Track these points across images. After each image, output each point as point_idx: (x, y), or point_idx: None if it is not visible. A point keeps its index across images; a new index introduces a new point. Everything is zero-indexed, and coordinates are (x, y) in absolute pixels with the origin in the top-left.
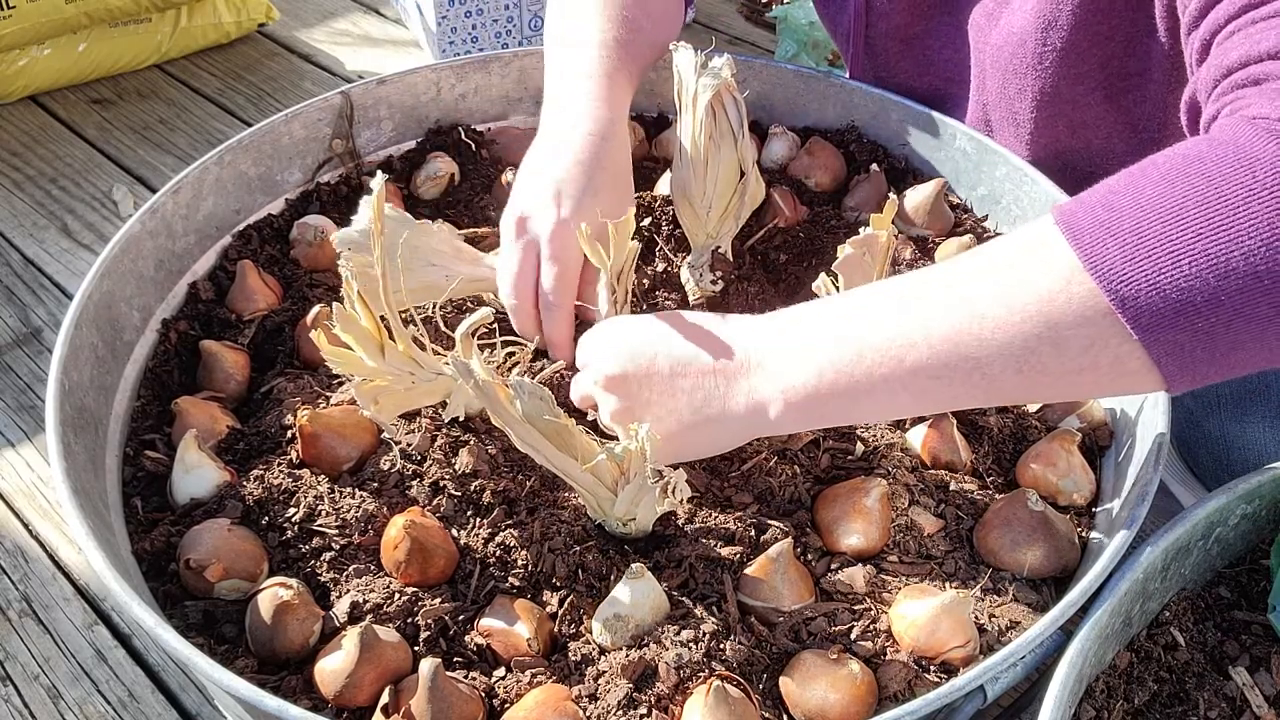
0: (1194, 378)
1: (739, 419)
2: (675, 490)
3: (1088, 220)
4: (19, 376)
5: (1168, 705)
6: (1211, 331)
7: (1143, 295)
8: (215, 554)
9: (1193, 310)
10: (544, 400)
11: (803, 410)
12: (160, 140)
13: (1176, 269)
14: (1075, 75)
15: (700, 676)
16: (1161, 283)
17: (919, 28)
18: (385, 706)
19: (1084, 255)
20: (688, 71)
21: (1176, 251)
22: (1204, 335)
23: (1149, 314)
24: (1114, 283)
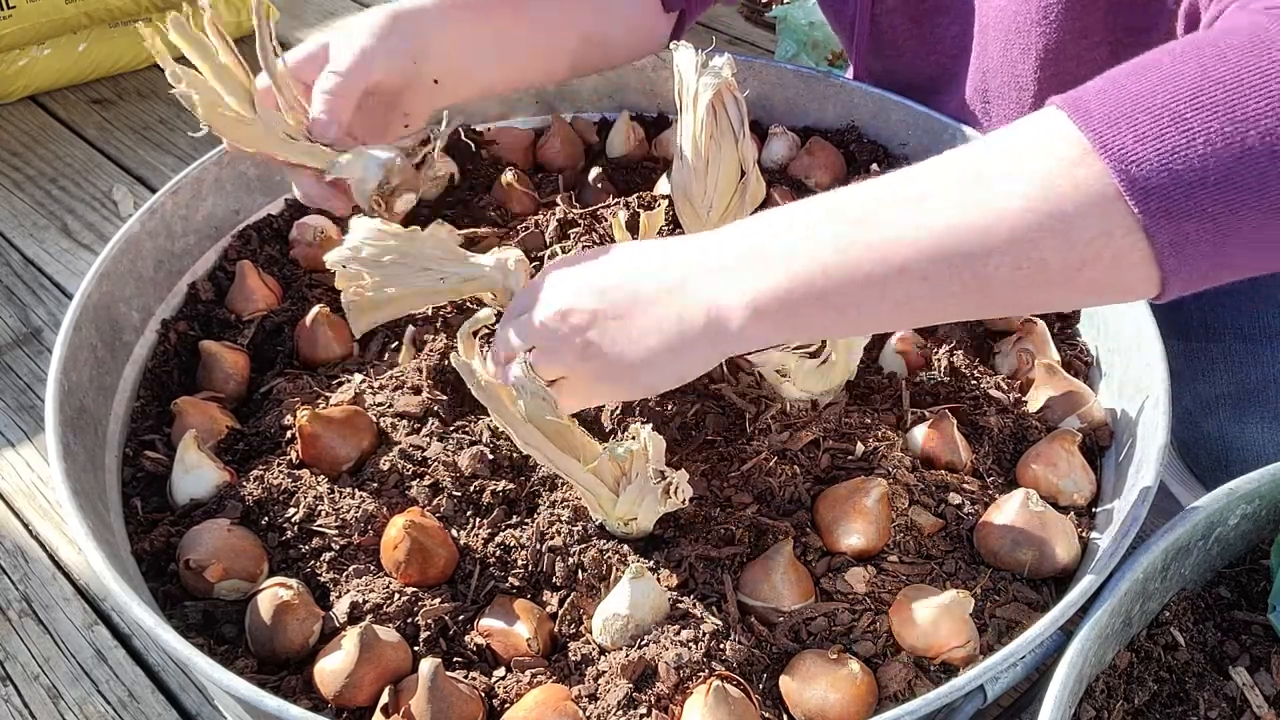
0: (1190, 275)
1: (699, 337)
2: (677, 491)
3: (1096, 101)
4: (19, 376)
5: (1168, 705)
6: (1219, 218)
7: (1154, 176)
8: (215, 554)
9: (1204, 193)
10: (546, 401)
11: (771, 321)
12: (160, 140)
13: (1190, 148)
14: (1080, 29)
15: (700, 676)
16: (1175, 164)
17: (930, 3)
18: (385, 706)
19: (1092, 134)
20: (688, 71)
21: (1191, 131)
22: (1211, 221)
23: (1159, 196)
24: (1124, 161)
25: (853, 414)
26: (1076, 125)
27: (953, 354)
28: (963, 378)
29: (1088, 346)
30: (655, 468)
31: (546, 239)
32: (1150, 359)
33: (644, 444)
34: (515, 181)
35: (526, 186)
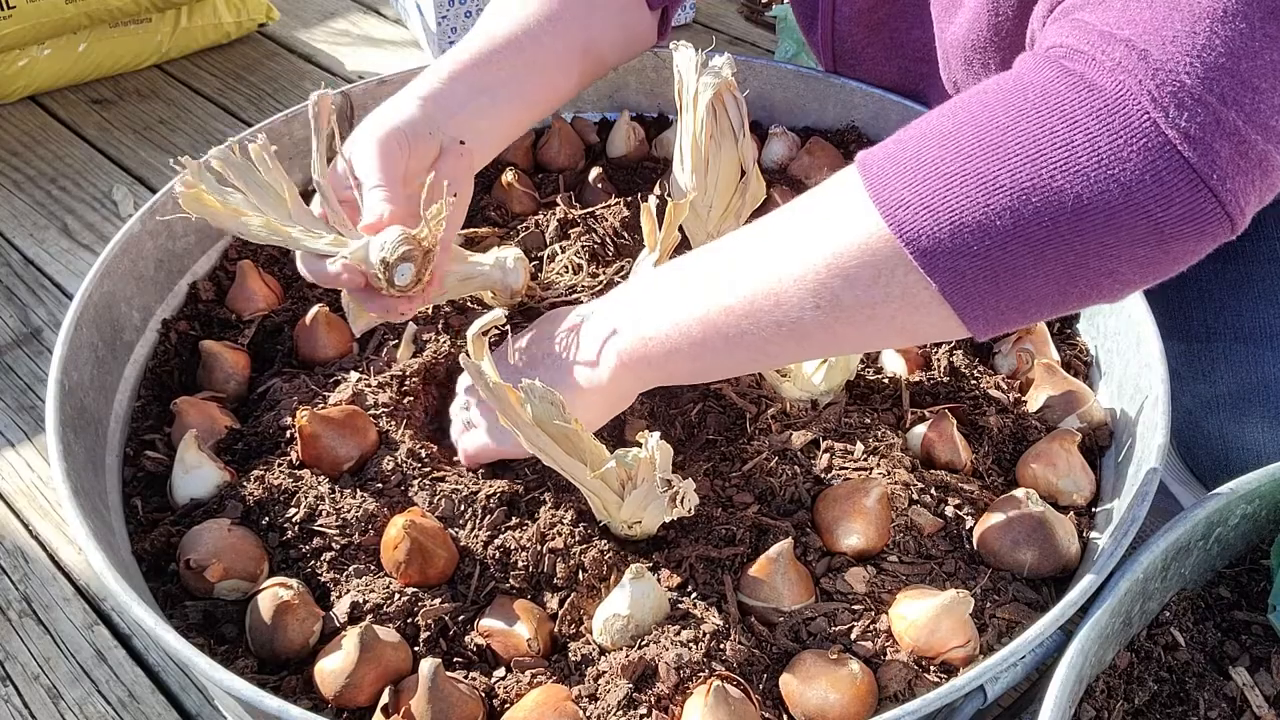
0: (986, 312)
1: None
2: (684, 500)
3: (879, 154)
4: (19, 376)
5: (1168, 705)
6: (988, 256)
7: (919, 220)
8: (215, 554)
9: (966, 232)
10: (554, 404)
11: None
12: (160, 140)
13: (949, 190)
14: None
15: (700, 676)
16: (935, 204)
17: (883, 12)
18: (385, 707)
19: (869, 186)
20: (688, 71)
21: (949, 174)
22: (981, 259)
23: (926, 238)
24: (894, 209)
25: (853, 414)
26: (860, 178)
27: (952, 354)
28: (962, 378)
29: (1087, 346)
30: (662, 476)
31: (547, 239)
32: (1150, 359)
33: (652, 452)
34: (515, 181)
35: (527, 186)
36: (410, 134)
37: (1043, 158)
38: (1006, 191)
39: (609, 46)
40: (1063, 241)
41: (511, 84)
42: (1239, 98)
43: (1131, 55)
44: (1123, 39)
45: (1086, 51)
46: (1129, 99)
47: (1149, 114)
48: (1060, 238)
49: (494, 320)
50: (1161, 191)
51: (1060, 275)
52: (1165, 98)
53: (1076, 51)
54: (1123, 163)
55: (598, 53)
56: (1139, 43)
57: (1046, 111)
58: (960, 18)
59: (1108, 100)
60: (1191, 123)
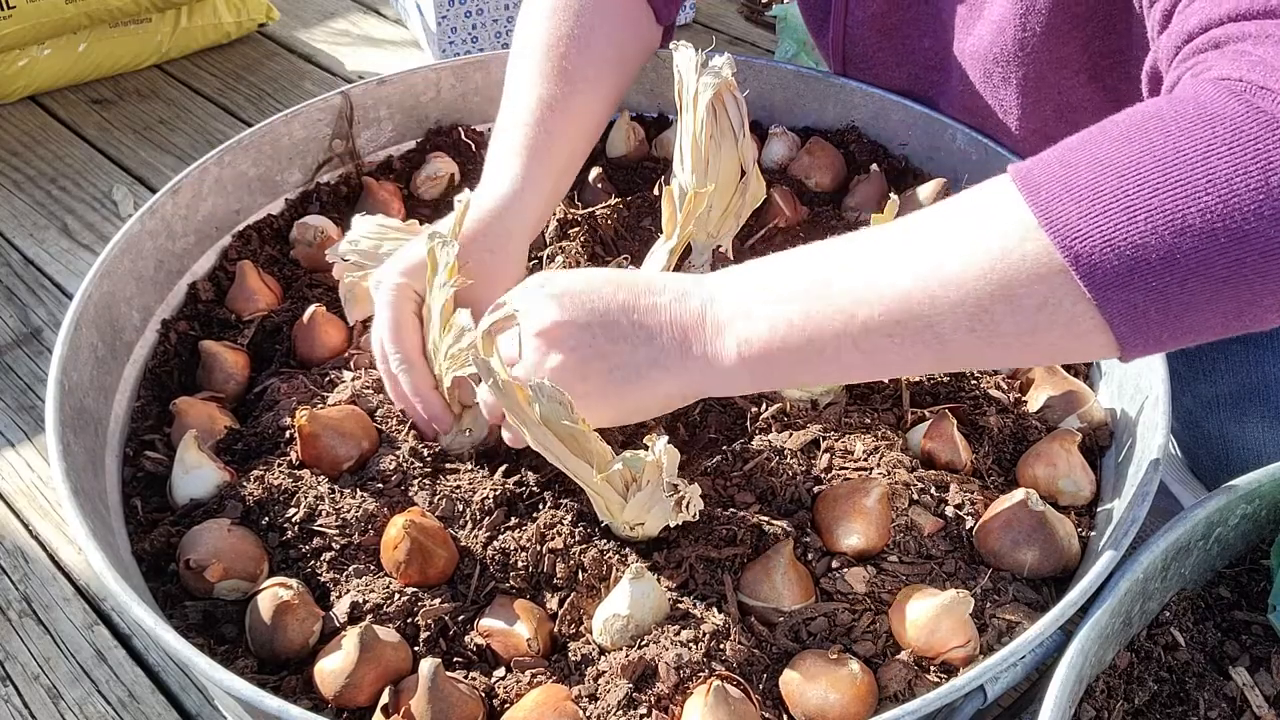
0: (1148, 341)
1: (695, 372)
2: (689, 505)
3: (1044, 176)
4: (19, 376)
5: (1168, 705)
6: (1166, 291)
7: (1097, 252)
8: (215, 554)
9: (1147, 268)
10: (562, 404)
11: (756, 366)
12: (160, 140)
13: (1132, 225)
14: (1058, 60)
15: (700, 676)
16: (1116, 239)
17: (896, 18)
18: (385, 707)
19: (1039, 211)
20: (688, 71)
21: (1133, 208)
22: (1158, 294)
23: (1103, 271)
24: (1068, 239)
25: (853, 414)
26: (1025, 199)
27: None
28: (962, 378)
29: None
30: (669, 480)
31: (546, 239)
32: (1150, 359)
33: (659, 455)
34: None
35: None
36: None
37: (1235, 198)
38: (1195, 232)
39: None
40: (1244, 281)
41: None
42: None
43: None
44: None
45: (1274, 89)
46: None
47: None
48: (1243, 279)
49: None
50: None
51: (1231, 310)
52: None
53: (1261, 88)
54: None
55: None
56: None
57: (1240, 150)
58: (981, 29)
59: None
60: None
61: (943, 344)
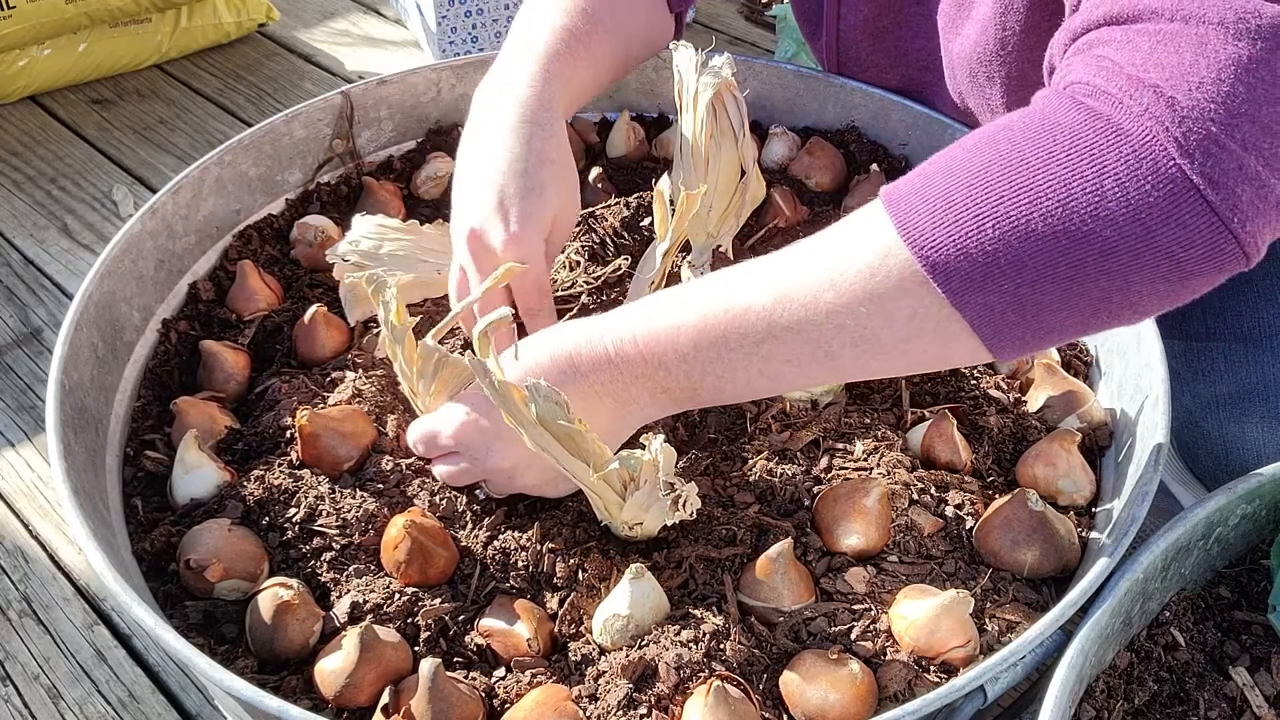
0: (1013, 342)
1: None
2: (686, 504)
3: (904, 190)
4: (19, 376)
5: (1168, 705)
6: (1018, 293)
7: (952, 261)
8: (215, 554)
9: (999, 273)
10: (559, 404)
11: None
12: (160, 140)
13: (981, 233)
14: (1037, 58)
15: (700, 676)
16: (969, 247)
17: (888, 20)
18: (385, 707)
19: (899, 225)
20: (688, 70)
21: (981, 215)
22: (1011, 297)
23: (959, 279)
24: (925, 250)
25: (853, 414)
26: (889, 215)
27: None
28: (962, 378)
29: (1087, 346)
30: (666, 479)
31: None
32: (1150, 359)
33: (655, 454)
34: None
35: None
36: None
37: (1073, 202)
38: (1038, 236)
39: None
40: (1089, 280)
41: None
42: (1259, 144)
43: (1159, 102)
44: (1150, 84)
45: (1114, 94)
46: (1156, 145)
47: (1175, 160)
48: (1087, 277)
49: (499, 318)
50: (1184, 235)
51: (1084, 308)
52: (1192, 144)
53: (1103, 92)
54: (1149, 208)
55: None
56: (1166, 89)
57: (1076, 155)
58: (967, 31)
59: (1135, 146)
60: (1215, 168)
61: (834, 361)
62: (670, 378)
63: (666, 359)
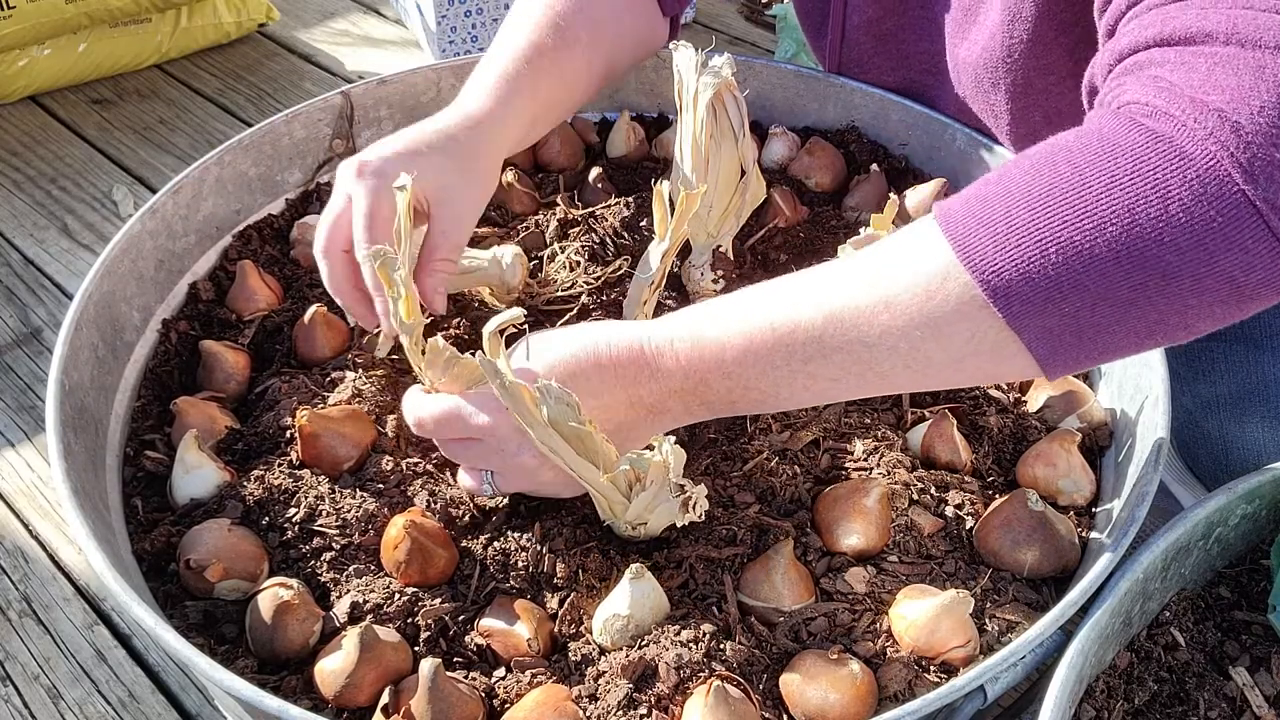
0: (1066, 361)
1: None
2: (695, 506)
3: (961, 212)
4: (19, 376)
5: (1168, 705)
6: (1078, 315)
7: (1014, 286)
8: (215, 554)
9: (1060, 296)
10: (570, 406)
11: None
12: (160, 140)
13: (1044, 257)
14: (1043, 67)
15: (700, 676)
16: (1031, 271)
17: (891, 23)
18: (385, 707)
19: (958, 248)
20: (688, 70)
21: (1044, 239)
22: (1070, 319)
23: (1019, 303)
24: (987, 274)
25: (853, 414)
26: (946, 237)
27: None
28: None
29: None
30: (675, 481)
31: (547, 239)
32: (1150, 359)
33: (665, 455)
34: (516, 181)
35: (527, 186)
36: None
37: (1137, 226)
38: (1101, 260)
39: (628, 59)
40: (1148, 303)
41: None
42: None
43: (1224, 127)
44: (1214, 107)
45: (1176, 116)
46: (1220, 170)
47: (1239, 185)
48: (1147, 300)
49: (511, 319)
50: (1246, 259)
51: (1140, 330)
52: (1256, 169)
53: (1164, 113)
54: (1214, 233)
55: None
56: (1230, 113)
57: (1140, 179)
58: (974, 37)
59: (1200, 171)
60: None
61: (883, 379)
62: (711, 392)
63: (709, 375)
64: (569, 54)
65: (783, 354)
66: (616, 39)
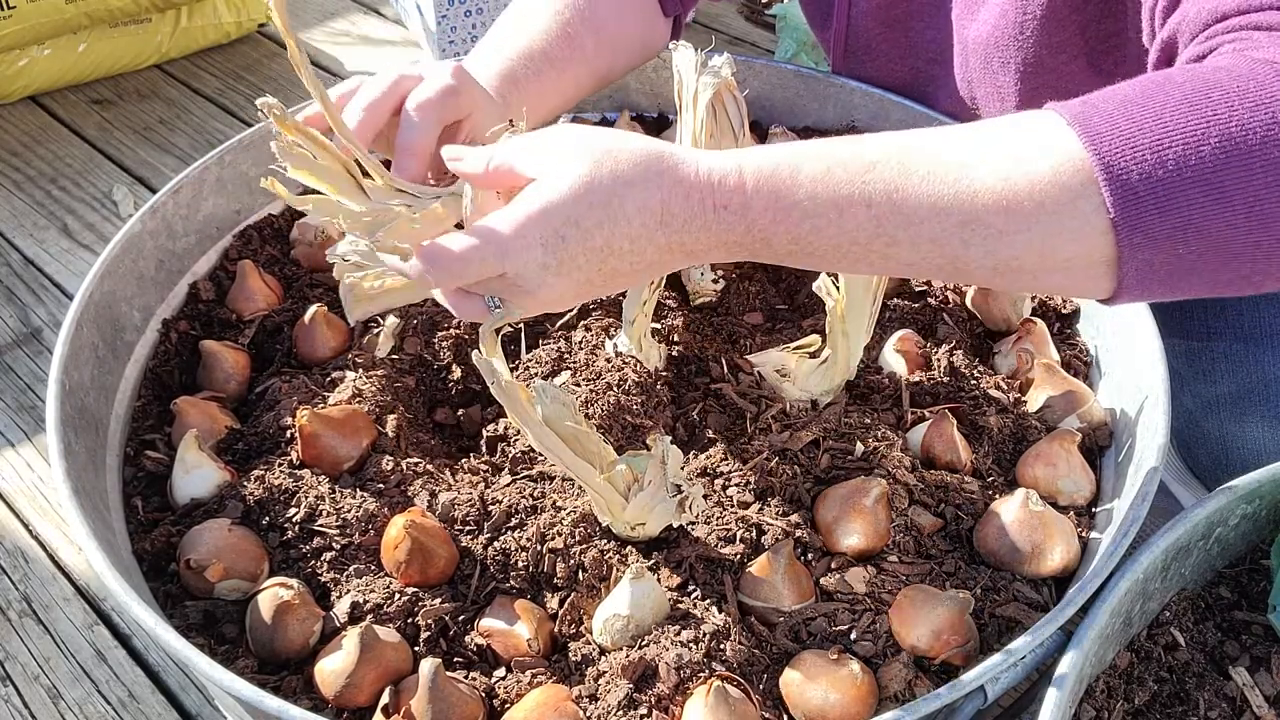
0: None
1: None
2: (692, 505)
3: (1107, 128)
4: (19, 376)
5: (1168, 705)
6: (1184, 258)
7: (1154, 223)
8: (215, 554)
9: (1181, 239)
10: (565, 405)
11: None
12: (160, 140)
13: (1189, 200)
14: (1056, 44)
15: (700, 677)
16: (1168, 211)
17: (901, 9)
18: (385, 707)
19: (1102, 168)
20: (688, 70)
21: (1190, 180)
22: (1175, 260)
23: (1143, 236)
24: (1128, 207)
25: (853, 414)
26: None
27: (952, 354)
28: (962, 378)
29: (1087, 346)
30: (672, 480)
31: None
32: (1150, 359)
33: (662, 455)
34: None
35: None
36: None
37: None
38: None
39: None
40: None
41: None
42: None
43: None
44: None
45: None
46: None
47: None
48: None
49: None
50: None
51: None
52: None
53: None
54: None
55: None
56: None
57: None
58: (983, 16)
59: None
60: None
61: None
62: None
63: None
64: (571, 61)
65: (870, 232)
66: (617, 40)
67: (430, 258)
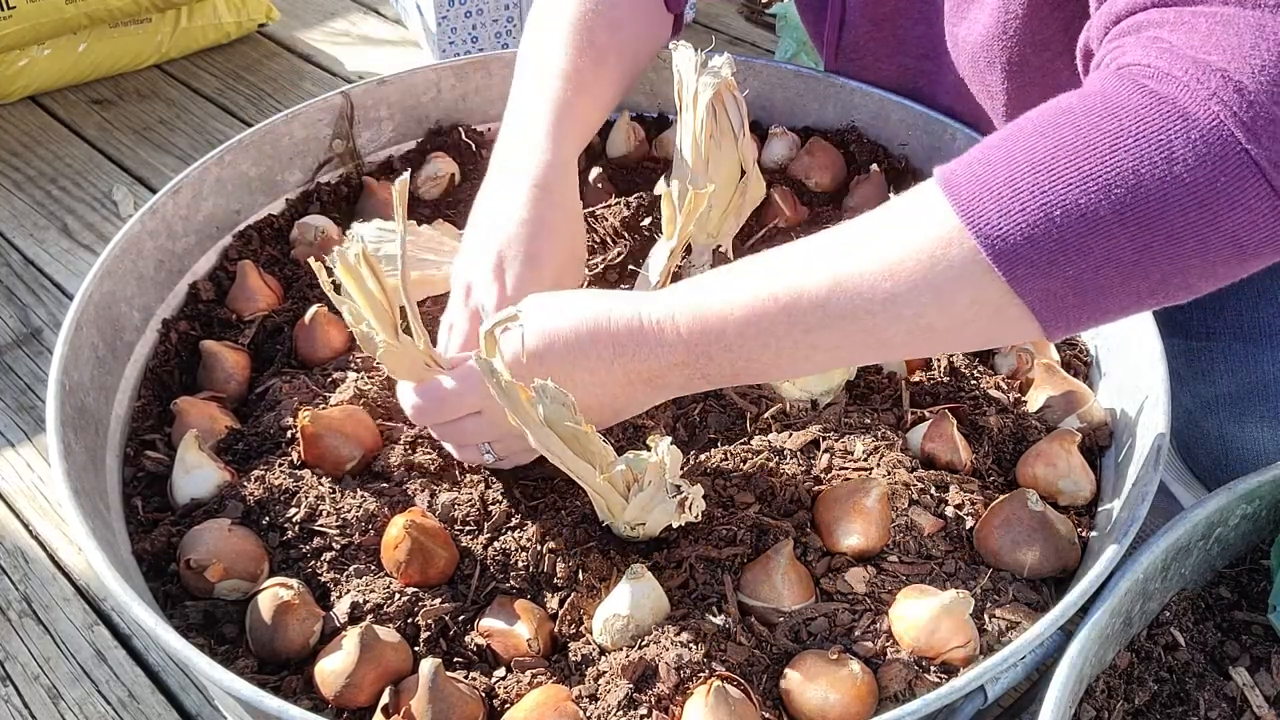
0: (1068, 322)
1: (669, 391)
2: (692, 506)
3: (965, 176)
4: (19, 376)
5: (1168, 705)
6: (1080, 277)
7: (1019, 249)
8: (215, 554)
9: (1064, 259)
10: (566, 405)
11: (711, 382)
12: (160, 140)
13: (1049, 220)
14: (1040, 42)
15: (700, 677)
16: (1035, 234)
17: (891, 6)
18: (386, 707)
19: (962, 212)
20: (688, 70)
21: (1048, 203)
22: (1073, 281)
23: (1024, 266)
24: (992, 238)
25: (853, 414)
26: (949, 202)
27: (952, 354)
28: (962, 378)
29: (1087, 346)
30: (672, 481)
31: None
32: (1150, 359)
33: (662, 456)
34: None
35: None
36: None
37: (1141, 189)
38: (1106, 223)
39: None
40: (1152, 264)
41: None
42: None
43: (1227, 86)
44: (1216, 68)
45: (1178, 77)
46: (1223, 130)
47: (1242, 146)
48: (1151, 261)
49: (507, 318)
50: (1250, 219)
51: (1142, 290)
52: (1259, 129)
53: (1166, 75)
54: (1217, 194)
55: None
56: (1232, 73)
57: (1143, 141)
58: (972, 16)
59: (1204, 132)
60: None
61: (886, 346)
62: (712, 364)
63: (711, 347)
64: (606, 76)
65: (785, 324)
66: (634, 40)
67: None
